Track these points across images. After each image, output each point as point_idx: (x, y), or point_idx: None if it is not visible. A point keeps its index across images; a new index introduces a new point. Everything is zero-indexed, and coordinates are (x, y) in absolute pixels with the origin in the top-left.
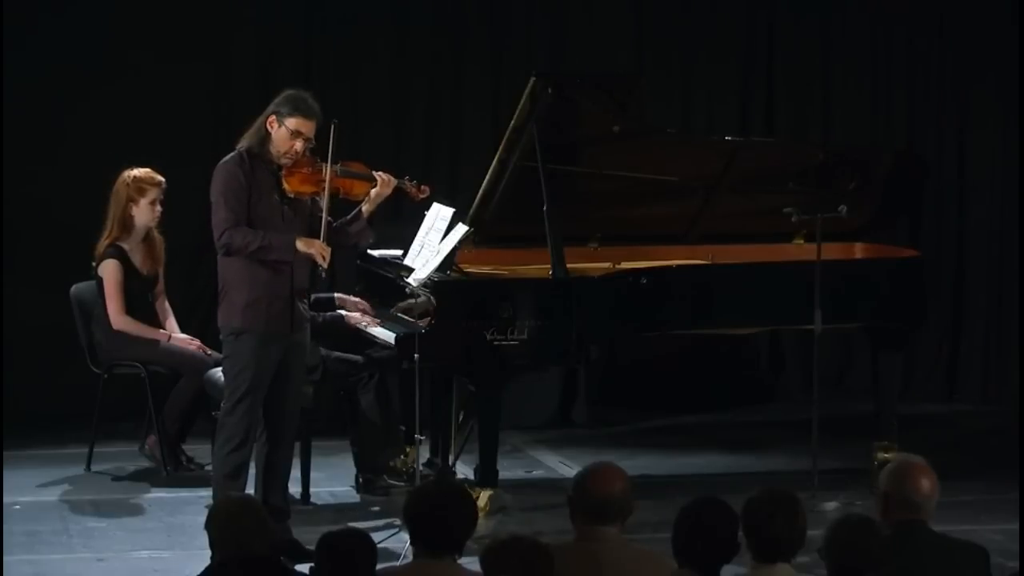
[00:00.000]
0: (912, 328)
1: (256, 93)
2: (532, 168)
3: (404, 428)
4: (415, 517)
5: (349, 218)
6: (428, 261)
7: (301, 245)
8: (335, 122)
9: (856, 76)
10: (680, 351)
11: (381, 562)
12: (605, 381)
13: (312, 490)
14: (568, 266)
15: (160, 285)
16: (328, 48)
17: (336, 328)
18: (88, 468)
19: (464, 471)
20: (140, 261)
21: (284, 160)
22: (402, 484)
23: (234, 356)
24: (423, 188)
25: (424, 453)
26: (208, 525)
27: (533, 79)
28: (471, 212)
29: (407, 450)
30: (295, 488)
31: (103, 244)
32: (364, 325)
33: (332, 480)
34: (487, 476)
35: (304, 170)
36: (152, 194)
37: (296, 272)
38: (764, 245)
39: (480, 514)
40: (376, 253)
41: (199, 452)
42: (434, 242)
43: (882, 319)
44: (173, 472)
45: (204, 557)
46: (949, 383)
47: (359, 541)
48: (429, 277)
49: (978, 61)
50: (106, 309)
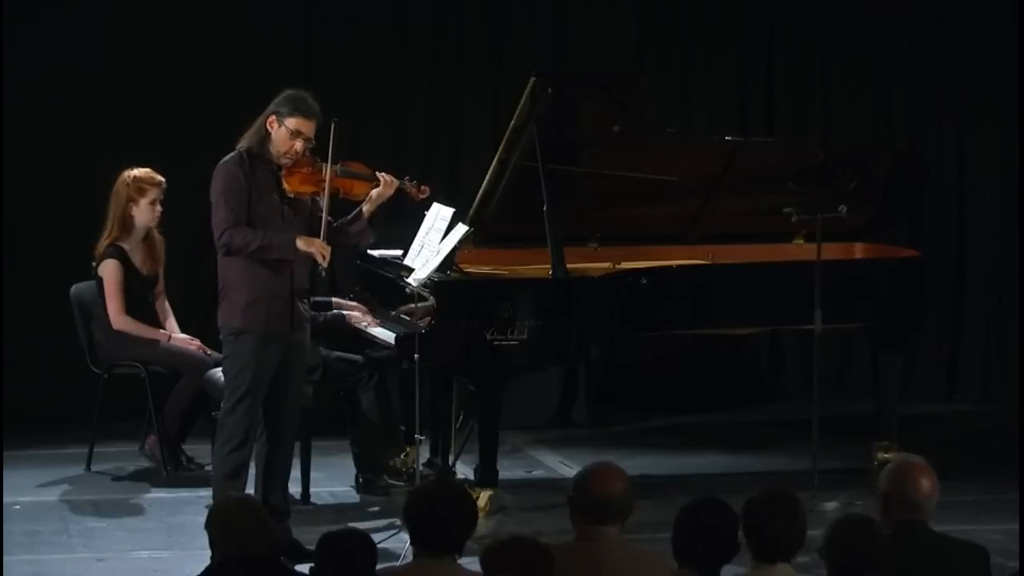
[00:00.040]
0: (912, 328)
1: (256, 93)
2: (532, 168)
3: (404, 428)
4: (415, 517)
5: (349, 218)
6: (428, 261)
7: (301, 244)
8: (335, 121)
9: (856, 76)
10: (680, 351)
11: (381, 562)
12: (605, 381)
13: (312, 490)
14: (568, 266)
15: (160, 285)
16: (328, 48)
17: (337, 328)
18: (88, 468)
19: (464, 471)
20: (140, 261)
21: (284, 160)
22: (402, 484)
23: (234, 356)
24: (423, 188)
25: (424, 453)
26: (208, 525)
27: (533, 79)
28: (471, 212)
29: (407, 450)
30: (295, 488)
31: (103, 244)
32: (364, 325)
33: (332, 480)
34: (487, 476)
35: (304, 170)
36: (152, 194)
37: (296, 272)
38: (764, 245)
39: (480, 514)
40: (376, 253)
41: (199, 452)
42: (434, 242)
43: (882, 319)
44: (173, 472)
45: (204, 557)
46: (949, 383)
47: (359, 541)
48: (429, 277)
49: (978, 61)
50: (106, 309)
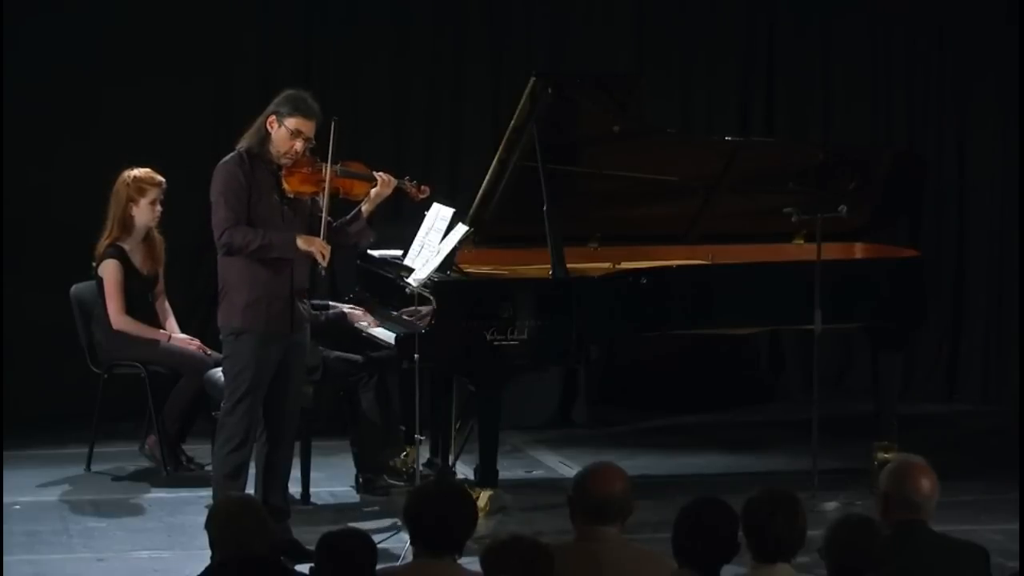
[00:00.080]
0: (912, 328)
1: (256, 93)
2: (532, 168)
3: (404, 428)
4: (415, 517)
5: (349, 218)
6: (428, 261)
7: (301, 243)
8: (335, 119)
9: (856, 76)
10: (680, 351)
11: (381, 562)
12: (605, 381)
13: (312, 490)
14: (568, 266)
15: (160, 285)
16: (328, 48)
17: (338, 326)
18: (88, 468)
19: (464, 471)
20: (140, 261)
21: (284, 160)
22: (402, 484)
23: (234, 356)
24: (423, 188)
25: (424, 453)
26: (208, 525)
27: (533, 79)
28: (471, 212)
29: (407, 450)
30: (295, 488)
31: (103, 244)
32: (365, 325)
33: (332, 480)
34: (487, 476)
35: (304, 170)
36: (152, 194)
37: (296, 272)
38: (764, 245)
39: (480, 514)
40: (376, 253)
41: (199, 452)
42: (434, 242)
43: (882, 319)
44: (173, 472)
45: (204, 557)
46: (949, 383)
47: (359, 541)
48: (429, 277)
49: (978, 61)
50: (106, 309)
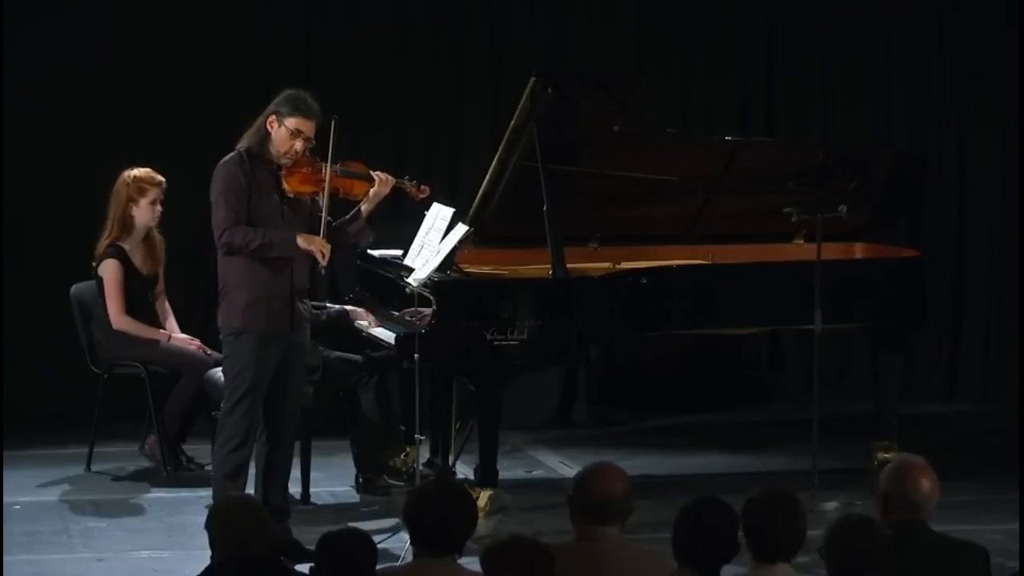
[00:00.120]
0: (912, 328)
1: (256, 93)
2: (532, 168)
3: (404, 428)
4: (415, 517)
5: (348, 218)
6: (428, 261)
7: (302, 242)
8: (335, 118)
9: (856, 76)
10: (680, 351)
11: (381, 562)
12: (605, 381)
13: (312, 490)
14: (568, 266)
15: (160, 285)
16: (328, 48)
17: (339, 325)
18: (88, 468)
19: (464, 471)
20: (140, 261)
21: (284, 160)
22: (402, 484)
23: (234, 356)
24: (423, 188)
25: (424, 453)
26: (208, 525)
27: (533, 79)
28: (471, 212)
29: (407, 450)
30: (295, 488)
31: (103, 244)
32: (366, 325)
33: (332, 480)
34: (487, 476)
35: (304, 170)
36: (152, 194)
37: (296, 272)
38: (764, 245)
39: (480, 514)
40: (376, 253)
41: (199, 452)
42: (434, 242)
43: (882, 319)
44: (173, 472)
45: (204, 557)
46: (949, 383)
47: (359, 541)
48: (429, 277)
49: (978, 61)
50: (106, 309)
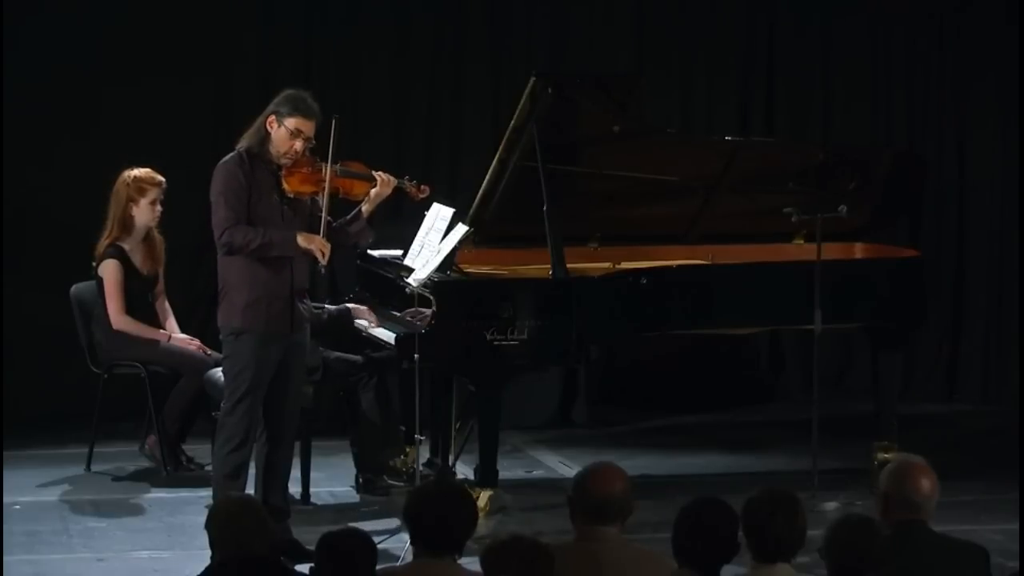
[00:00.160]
0: (912, 328)
1: (256, 93)
2: (532, 168)
3: (404, 428)
4: (415, 517)
5: (349, 218)
6: (428, 261)
7: (302, 241)
8: (336, 117)
9: (856, 76)
10: (680, 351)
11: (381, 562)
12: (605, 381)
13: (312, 490)
14: (568, 266)
15: (160, 285)
16: (328, 48)
17: (343, 323)
18: (88, 468)
19: (464, 471)
20: (140, 261)
21: (284, 160)
22: (402, 484)
23: (234, 356)
24: (423, 188)
25: (424, 453)
26: (208, 525)
27: (533, 79)
28: (471, 212)
29: (407, 450)
30: (295, 488)
31: (103, 244)
32: (366, 325)
33: (332, 480)
34: (487, 476)
35: (304, 170)
36: (152, 194)
37: (296, 272)
38: (764, 245)
39: (480, 514)
40: (376, 253)
41: (199, 452)
42: (434, 242)
43: (882, 319)
44: (173, 472)
45: (204, 557)
46: (949, 383)
47: (359, 541)
48: (429, 277)
49: (978, 61)
50: (106, 309)
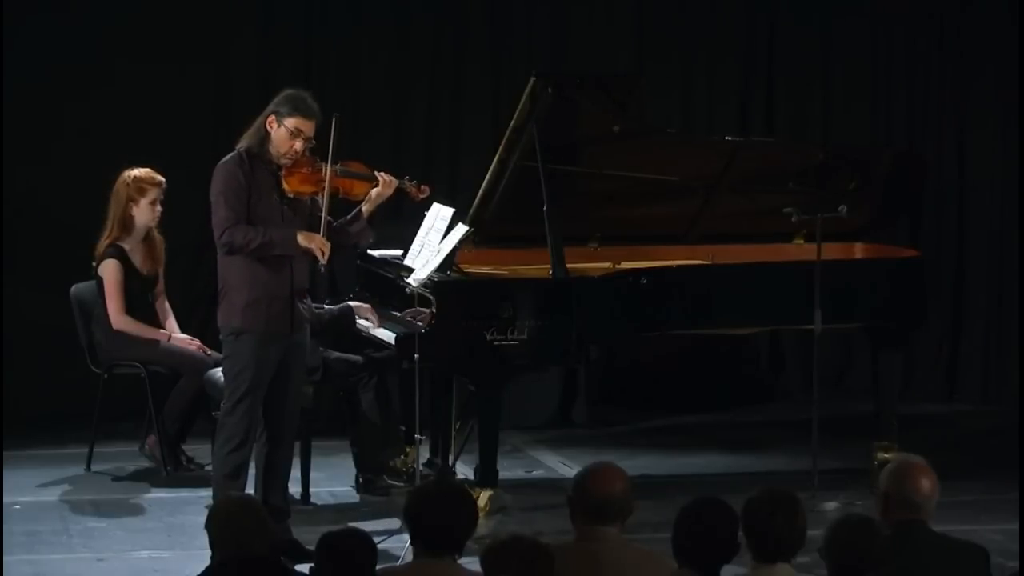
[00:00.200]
0: (912, 328)
1: (256, 93)
2: (532, 168)
3: (404, 428)
4: (415, 517)
5: (349, 218)
6: (428, 261)
7: (302, 239)
8: (336, 116)
9: (856, 76)
10: (680, 351)
11: (381, 562)
12: (605, 381)
13: (312, 490)
14: (568, 266)
15: (160, 285)
16: (328, 48)
17: (345, 321)
18: (88, 468)
19: (464, 471)
20: (140, 261)
21: (284, 160)
22: (402, 484)
23: (234, 356)
24: (423, 188)
25: (424, 453)
26: (208, 525)
27: (533, 79)
28: (471, 212)
29: (407, 450)
30: (295, 488)
31: (103, 244)
32: (367, 325)
33: (332, 480)
34: (487, 476)
35: (304, 170)
36: (152, 194)
37: (296, 272)
38: (764, 245)
39: (480, 514)
40: (376, 253)
41: (199, 452)
42: (434, 242)
43: (882, 319)
44: (173, 472)
45: (204, 557)
46: (949, 383)
47: (359, 541)
48: (429, 277)
49: (978, 61)
50: (106, 309)
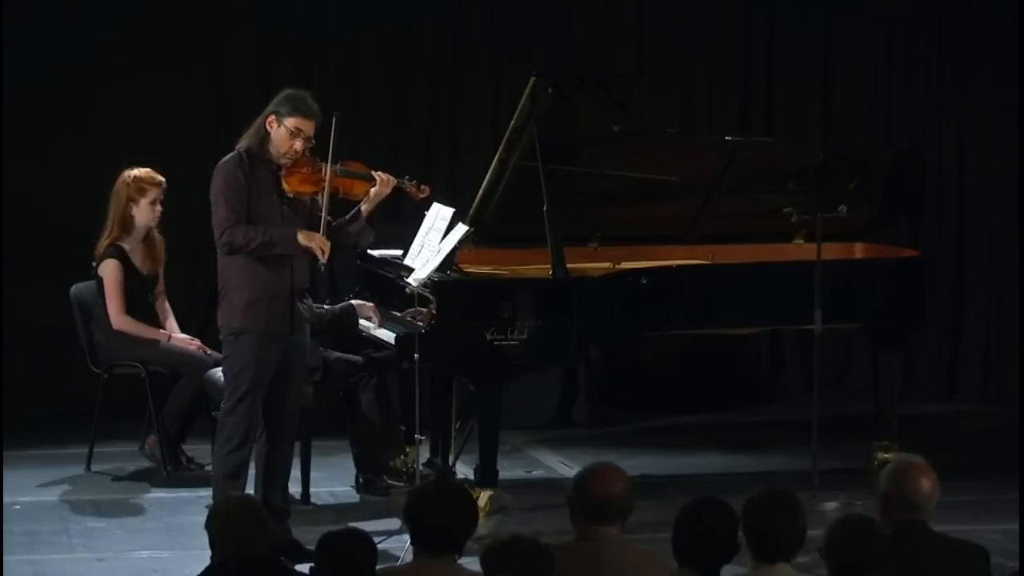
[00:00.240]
0: (912, 328)
1: (256, 93)
2: (532, 168)
3: (404, 428)
4: (415, 517)
5: (348, 217)
6: (428, 261)
7: (302, 238)
8: (336, 115)
9: (856, 76)
10: (680, 351)
11: (381, 562)
12: (605, 381)
13: (312, 490)
14: (568, 266)
15: (160, 285)
16: (328, 48)
17: (347, 320)
18: (88, 468)
19: (464, 471)
20: (140, 261)
21: (284, 160)
22: (402, 484)
23: (234, 356)
24: (423, 188)
25: (424, 453)
26: (208, 525)
27: (533, 79)
28: (471, 212)
29: (407, 450)
30: (295, 488)
31: (103, 244)
32: (369, 326)
33: (332, 480)
34: (487, 476)
35: (303, 170)
36: (152, 194)
37: (296, 272)
38: (764, 245)
39: (480, 514)
40: (376, 253)
41: (199, 452)
42: (434, 242)
43: (882, 319)
44: (173, 472)
45: (204, 557)
46: (949, 383)
47: (359, 541)
48: (429, 277)
49: (978, 61)
50: (106, 309)
